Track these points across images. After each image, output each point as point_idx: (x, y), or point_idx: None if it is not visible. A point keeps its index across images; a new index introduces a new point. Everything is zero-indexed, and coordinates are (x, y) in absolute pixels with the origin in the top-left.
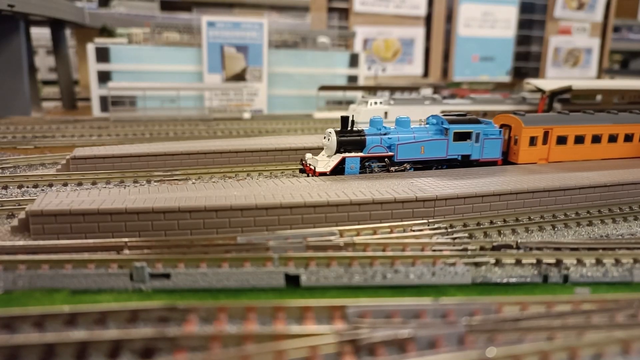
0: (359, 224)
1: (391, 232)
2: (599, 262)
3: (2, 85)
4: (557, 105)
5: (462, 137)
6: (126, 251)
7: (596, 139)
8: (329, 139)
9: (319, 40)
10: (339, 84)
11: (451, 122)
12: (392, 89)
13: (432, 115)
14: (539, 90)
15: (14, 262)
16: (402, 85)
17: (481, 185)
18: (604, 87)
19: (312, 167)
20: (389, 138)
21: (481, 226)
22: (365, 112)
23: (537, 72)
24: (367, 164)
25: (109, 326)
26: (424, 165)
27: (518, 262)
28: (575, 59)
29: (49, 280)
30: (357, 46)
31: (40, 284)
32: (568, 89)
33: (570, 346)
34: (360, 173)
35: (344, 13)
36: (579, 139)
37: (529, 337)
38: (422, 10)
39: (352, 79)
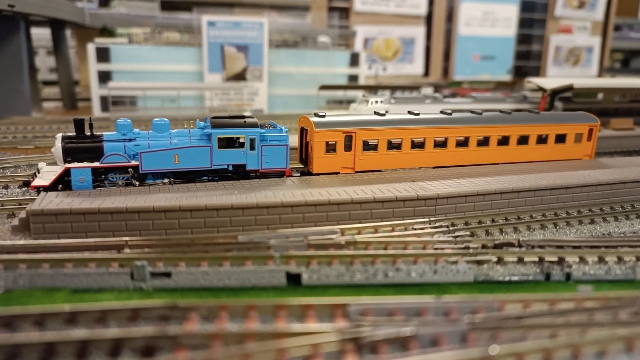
0: (360, 223)
1: (392, 230)
2: (601, 260)
3: (2, 85)
4: (558, 104)
5: (230, 143)
6: (127, 250)
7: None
8: (54, 146)
9: (319, 39)
10: (339, 83)
11: (216, 125)
12: (393, 88)
13: (207, 118)
14: (540, 89)
15: (14, 261)
16: (402, 84)
17: (483, 183)
18: (605, 85)
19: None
20: (135, 145)
21: (483, 224)
22: (366, 111)
23: (537, 71)
24: (105, 176)
25: (110, 325)
26: (186, 178)
27: (520, 260)
28: (576, 57)
29: (49, 280)
30: (358, 45)
31: (41, 283)
32: (569, 88)
33: (573, 344)
34: (96, 187)
35: (345, 12)
36: (398, 144)
37: (531, 334)
38: (422, 10)
39: (353, 78)
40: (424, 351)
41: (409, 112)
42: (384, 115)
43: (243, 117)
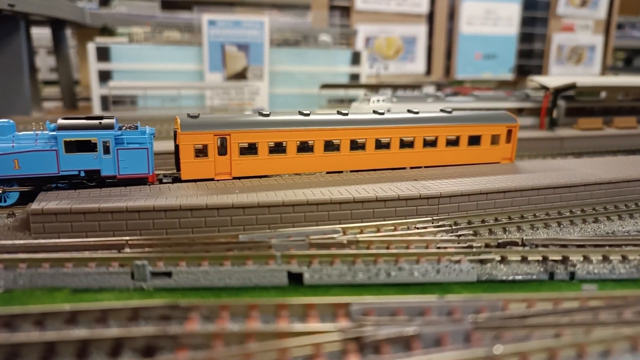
0: (362, 222)
1: (395, 229)
2: (605, 259)
3: (2, 85)
4: (561, 103)
5: (82, 147)
6: (127, 249)
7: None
8: None
9: (320, 38)
10: (340, 82)
11: (63, 127)
12: (395, 87)
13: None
14: (543, 87)
15: (14, 261)
16: (404, 83)
17: (485, 182)
18: (608, 84)
19: None
20: None
21: (486, 223)
22: (368, 110)
23: (540, 70)
24: None
25: (110, 324)
26: (32, 186)
27: (524, 259)
28: (578, 56)
29: (49, 279)
30: (359, 44)
31: (41, 283)
32: (572, 86)
33: (577, 343)
34: None
35: (346, 11)
36: (282, 147)
37: (536, 334)
38: (424, 8)
39: (354, 77)
40: (427, 351)
41: (300, 113)
42: (267, 115)
43: (102, 117)
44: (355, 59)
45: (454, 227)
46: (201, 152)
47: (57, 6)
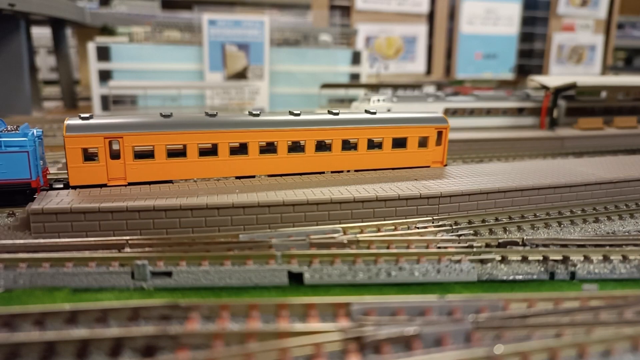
0: (362, 222)
1: (395, 229)
2: (606, 258)
3: (3, 84)
4: (561, 102)
5: None
6: (127, 249)
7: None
8: None
9: (320, 38)
10: (341, 81)
11: None
12: (395, 87)
13: None
14: (543, 87)
15: (14, 261)
16: (404, 82)
17: (486, 182)
18: (608, 83)
19: None
20: None
21: (486, 223)
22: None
23: (540, 70)
24: None
25: (110, 324)
26: None
27: (524, 259)
28: (579, 56)
29: (49, 279)
30: (360, 44)
31: (41, 283)
32: (572, 86)
33: (578, 343)
34: None
35: (346, 11)
36: (182, 151)
37: (536, 334)
38: (424, 8)
39: (355, 76)
40: (428, 351)
41: (206, 114)
42: (168, 116)
43: None
44: (356, 58)
45: (454, 227)
46: (91, 156)
47: (57, 6)
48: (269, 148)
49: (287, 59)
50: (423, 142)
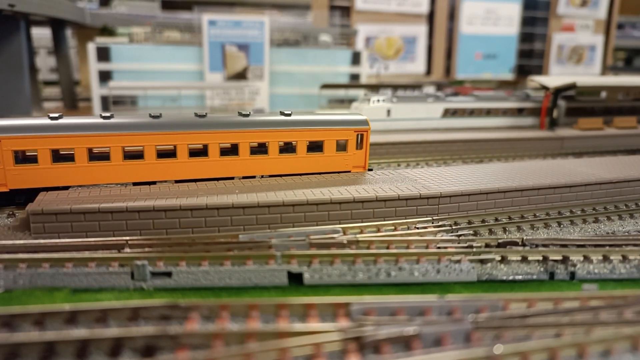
0: (362, 222)
1: (395, 229)
2: (605, 258)
3: (3, 85)
4: (561, 103)
5: None
6: (127, 249)
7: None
8: None
9: (320, 38)
10: (341, 82)
11: None
12: (395, 87)
13: None
14: (543, 87)
15: (14, 261)
16: (404, 83)
17: (486, 182)
18: (608, 84)
19: None
20: None
21: (486, 223)
22: (368, 110)
23: (540, 70)
24: None
25: (110, 324)
26: None
27: (524, 259)
28: (578, 56)
29: (49, 279)
30: (359, 44)
31: (41, 283)
32: (572, 86)
33: (578, 343)
34: None
35: (346, 11)
36: (69, 155)
37: (536, 334)
38: (424, 8)
39: (355, 77)
40: (428, 351)
41: (101, 116)
42: (56, 118)
43: None
44: (356, 59)
45: (454, 227)
46: None
47: (57, 6)
48: (168, 153)
49: (287, 60)
50: (342, 146)
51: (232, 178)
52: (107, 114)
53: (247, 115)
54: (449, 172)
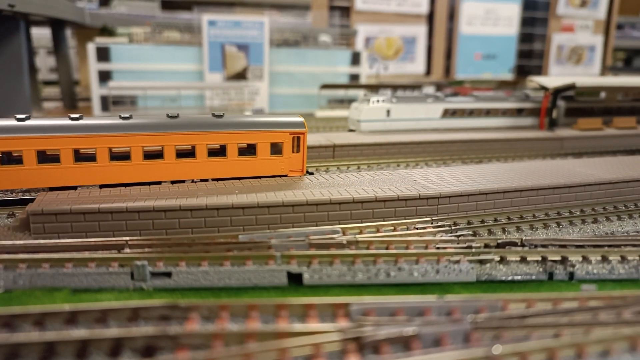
0: (362, 222)
1: (394, 230)
2: (604, 259)
3: (2, 85)
4: (561, 103)
5: None
6: (127, 250)
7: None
8: None
9: (320, 38)
10: (340, 82)
11: None
12: (395, 87)
13: None
14: (543, 87)
15: (14, 261)
16: (404, 83)
17: (485, 182)
18: (607, 84)
19: None
20: None
21: (485, 224)
22: (368, 111)
23: (540, 70)
24: None
25: (110, 325)
26: None
27: (523, 260)
28: (578, 56)
29: (49, 279)
30: (359, 44)
31: (41, 283)
32: (572, 87)
33: (577, 343)
34: None
35: (346, 11)
36: None
37: (535, 334)
38: (424, 8)
39: (354, 77)
40: (427, 351)
41: (15, 118)
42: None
43: None
44: (355, 59)
45: (453, 228)
46: None
47: (57, 6)
48: (84, 156)
49: (286, 60)
50: (277, 149)
51: (159, 183)
52: (22, 116)
53: (175, 117)
54: (448, 172)
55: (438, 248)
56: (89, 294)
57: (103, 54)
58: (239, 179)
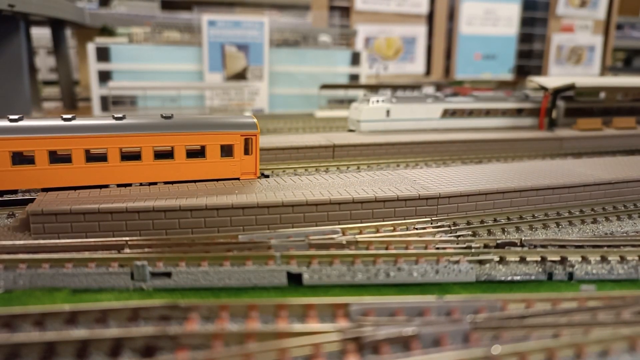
0: (361, 222)
1: (394, 230)
2: (604, 259)
3: (2, 85)
4: (560, 103)
5: None
6: (127, 250)
7: None
8: None
9: (320, 38)
10: (340, 82)
11: None
12: (394, 88)
13: None
14: (542, 88)
15: (14, 261)
16: (404, 83)
17: (485, 182)
18: (607, 84)
19: None
20: None
21: (485, 224)
22: (367, 111)
23: (539, 70)
24: None
25: (110, 325)
26: None
27: (522, 260)
28: (578, 56)
29: (49, 279)
30: (359, 44)
31: (41, 283)
32: (571, 87)
33: (576, 343)
34: None
35: (346, 11)
36: None
37: (534, 334)
38: (423, 9)
39: (354, 77)
40: (426, 351)
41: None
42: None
43: None
44: (355, 59)
45: (452, 228)
46: None
47: (57, 6)
48: (25, 159)
49: (286, 60)
50: (228, 151)
51: (107, 186)
52: None
53: (121, 119)
54: (448, 172)
55: (437, 248)
56: (89, 294)
57: (103, 54)
58: (186, 182)
